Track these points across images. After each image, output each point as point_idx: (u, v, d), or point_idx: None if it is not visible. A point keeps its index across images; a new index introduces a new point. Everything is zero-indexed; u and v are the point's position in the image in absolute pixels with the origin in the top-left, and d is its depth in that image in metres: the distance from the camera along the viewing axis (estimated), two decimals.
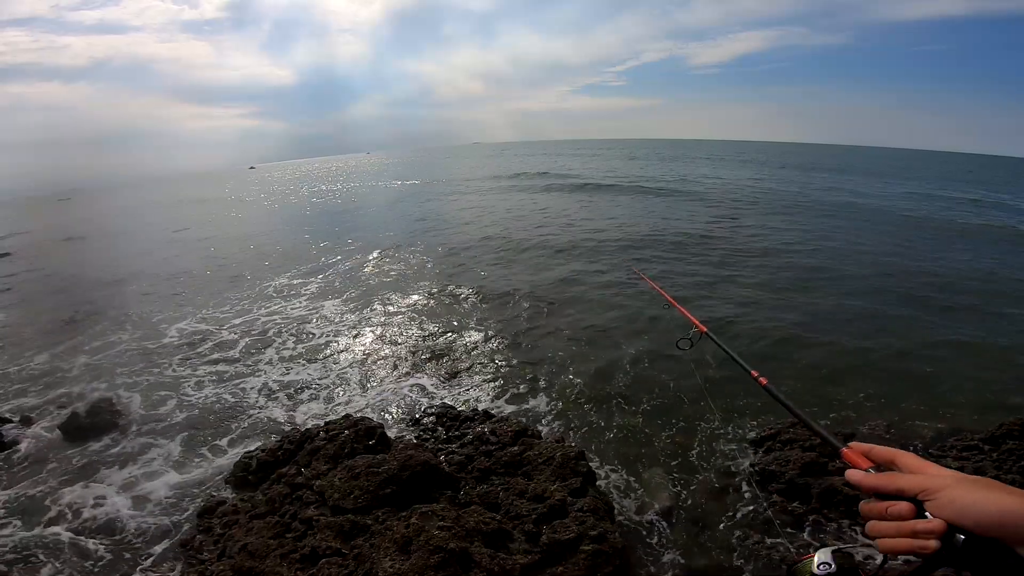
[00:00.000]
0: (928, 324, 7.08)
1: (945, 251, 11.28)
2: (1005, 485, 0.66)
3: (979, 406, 5.02)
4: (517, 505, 3.46)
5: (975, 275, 9.37)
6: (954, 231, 13.29)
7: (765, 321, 7.48)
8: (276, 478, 4.17)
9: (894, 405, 5.14)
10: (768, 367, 6.03)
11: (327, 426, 4.56)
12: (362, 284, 10.51)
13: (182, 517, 4.14)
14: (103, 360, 7.51)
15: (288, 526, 3.53)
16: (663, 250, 11.83)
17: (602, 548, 3.08)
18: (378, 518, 3.31)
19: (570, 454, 3.87)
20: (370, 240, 14.79)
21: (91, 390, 6.41)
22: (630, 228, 14.47)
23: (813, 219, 14.81)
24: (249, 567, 3.17)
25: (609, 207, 18.75)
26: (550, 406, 5.55)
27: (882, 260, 10.35)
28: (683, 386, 5.74)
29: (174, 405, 6.00)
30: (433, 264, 11.81)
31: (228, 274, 12.53)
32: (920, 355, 6.19)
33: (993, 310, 7.64)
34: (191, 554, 3.70)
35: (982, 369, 5.80)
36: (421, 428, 5.05)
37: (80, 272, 14.48)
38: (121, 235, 22.49)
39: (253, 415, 5.70)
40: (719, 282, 9.39)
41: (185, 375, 6.79)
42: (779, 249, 11.37)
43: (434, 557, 2.70)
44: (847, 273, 9.63)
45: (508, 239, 13.74)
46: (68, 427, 5.32)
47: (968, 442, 4.21)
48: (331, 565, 2.95)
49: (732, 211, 16.79)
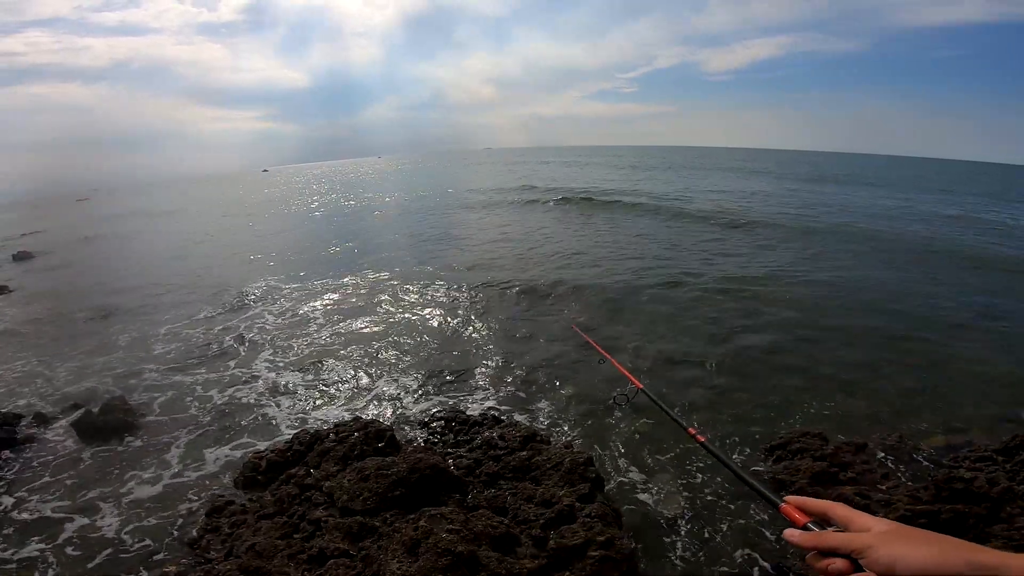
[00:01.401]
0: (938, 342, 6.96)
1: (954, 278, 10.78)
2: (930, 533, 0.72)
3: (991, 419, 4.96)
4: (525, 510, 3.46)
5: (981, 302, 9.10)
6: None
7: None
8: (285, 479, 4.19)
9: (905, 417, 5.08)
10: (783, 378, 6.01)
11: (337, 428, 4.58)
12: (372, 294, 10.54)
13: (190, 516, 4.17)
14: (117, 360, 7.60)
15: (296, 527, 3.54)
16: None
17: (609, 554, 3.06)
18: (386, 520, 3.32)
19: (579, 460, 3.86)
20: (380, 256, 14.63)
21: (105, 389, 6.49)
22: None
23: (825, 244, 13.68)
24: (256, 567, 3.18)
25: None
26: (558, 412, 5.54)
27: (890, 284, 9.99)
28: (693, 393, 5.72)
29: (187, 405, 6.06)
30: (446, 274, 11.83)
31: (238, 280, 12.63)
32: (931, 370, 6.10)
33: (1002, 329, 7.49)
34: (198, 553, 3.72)
35: (995, 384, 5.71)
36: (430, 432, 5.06)
37: (95, 272, 14.70)
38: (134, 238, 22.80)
39: (263, 417, 5.74)
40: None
41: (197, 376, 6.85)
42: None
43: (442, 560, 2.71)
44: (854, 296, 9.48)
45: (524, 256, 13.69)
46: (81, 425, 5.38)
47: (982, 453, 4.15)
48: (339, 566, 2.96)
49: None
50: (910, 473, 4.22)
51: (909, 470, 4.27)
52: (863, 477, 4.14)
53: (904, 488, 3.95)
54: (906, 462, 4.37)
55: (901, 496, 3.77)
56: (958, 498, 3.52)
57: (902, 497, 3.73)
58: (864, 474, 4.18)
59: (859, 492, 3.87)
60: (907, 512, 3.46)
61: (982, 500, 3.43)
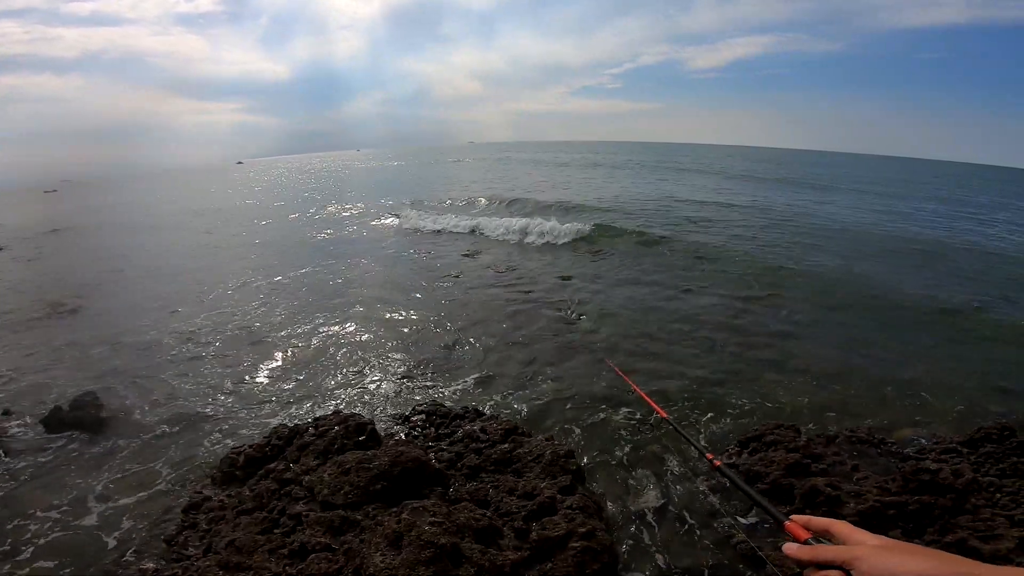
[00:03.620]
0: (909, 337, 7.20)
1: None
2: (922, 548, 0.74)
3: (956, 412, 5.15)
4: (507, 502, 3.49)
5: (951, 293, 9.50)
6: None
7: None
8: (264, 474, 4.14)
9: (874, 410, 5.25)
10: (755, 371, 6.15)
11: (316, 422, 4.54)
12: (348, 288, 10.45)
13: (166, 513, 4.09)
14: (87, 353, 7.40)
15: (276, 521, 3.51)
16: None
17: (591, 545, 3.11)
18: (368, 514, 3.31)
19: (560, 452, 3.91)
20: (355, 247, 14.58)
21: (75, 384, 6.31)
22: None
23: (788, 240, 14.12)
24: (236, 562, 3.15)
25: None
26: (540, 405, 5.57)
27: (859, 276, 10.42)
28: (671, 387, 5.81)
29: (160, 400, 5.93)
30: (420, 267, 11.78)
31: (215, 272, 12.40)
32: (902, 364, 6.31)
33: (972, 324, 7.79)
34: (175, 550, 3.66)
35: (963, 378, 5.93)
36: (410, 425, 5.05)
37: (65, 263, 14.27)
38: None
39: (240, 411, 5.65)
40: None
41: (171, 370, 6.71)
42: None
43: (425, 552, 2.71)
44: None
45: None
46: (51, 421, 5.24)
47: (947, 445, 4.31)
48: (321, 560, 2.95)
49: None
50: (879, 465, 4.37)
51: (878, 462, 4.41)
52: (834, 469, 4.27)
53: (873, 480, 4.09)
54: (874, 454, 4.52)
55: (870, 487, 3.89)
56: (925, 489, 3.65)
57: (871, 488, 3.86)
58: (835, 465, 4.30)
59: (830, 483, 3.98)
60: (876, 503, 3.58)
61: (948, 491, 3.56)
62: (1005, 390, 5.61)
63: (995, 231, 16.92)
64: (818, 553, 0.81)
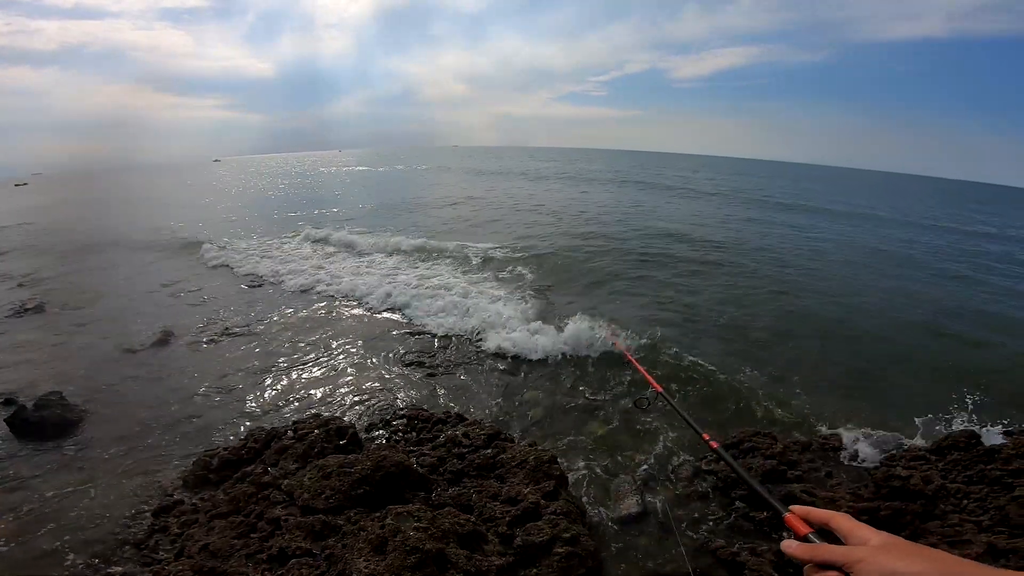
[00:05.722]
0: (885, 340, 7.45)
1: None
2: (925, 549, 0.73)
3: (926, 419, 5.32)
4: (491, 507, 3.47)
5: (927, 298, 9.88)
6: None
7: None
8: (240, 477, 4.04)
9: (848, 417, 5.38)
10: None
11: (296, 425, 4.45)
12: (327, 290, 10.31)
13: (135, 517, 3.95)
14: (54, 352, 7.13)
15: (254, 526, 3.42)
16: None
17: (575, 550, 3.11)
18: (350, 518, 3.25)
19: (543, 457, 3.90)
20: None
21: (39, 383, 6.06)
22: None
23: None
24: (211, 567, 3.06)
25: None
26: (523, 411, 5.57)
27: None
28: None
29: (130, 401, 5.74)
30: (406, 263, 11.68)
31: (188, 270, 12.08)
32: (869, 373, 6.51)
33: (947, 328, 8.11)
34: (146, 554, 3.55)
35: (935, 383, 6.14)
36: (392, 430, 4.99)
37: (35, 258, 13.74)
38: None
39: (215, 414, 5.50)
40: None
41: (140, 372, 6.51)
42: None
43: (411, 558, 2.68)
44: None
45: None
46: (15, 422, 5.02)
47: (916, 452, 4.45)
48: (302, 566, 2.88)
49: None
50: (851, 471, 4.49)
51: (850, 468, 4.54)
52: (809, 475, 4.37)
53: (846, 486, 4.20)
54: (847, 461, 4.64)
55: (843, 493, 4.00)
56: (896, 495, 3.77)
57: (844, 495, 3.96)
58: (810, 472, 4.41)
59: (805, 490, 4.07)
60: (849, 509, 3.67)
61: (918, 497, 3.68)
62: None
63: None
64: (819, 553, 0.79)
